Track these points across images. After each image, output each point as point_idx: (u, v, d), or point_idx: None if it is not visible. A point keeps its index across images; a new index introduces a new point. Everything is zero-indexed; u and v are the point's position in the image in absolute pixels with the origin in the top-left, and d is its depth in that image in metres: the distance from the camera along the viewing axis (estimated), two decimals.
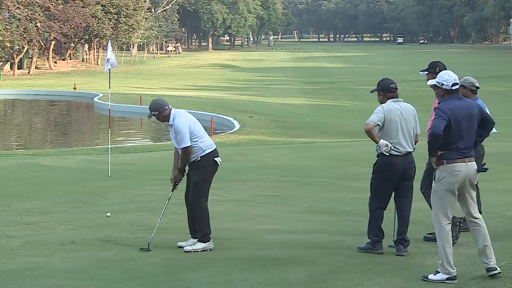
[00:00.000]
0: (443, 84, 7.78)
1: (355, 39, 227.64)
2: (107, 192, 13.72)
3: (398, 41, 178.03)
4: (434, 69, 9.45)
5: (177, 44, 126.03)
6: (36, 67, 78.00)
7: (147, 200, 12.75)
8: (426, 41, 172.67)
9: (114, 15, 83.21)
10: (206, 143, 8.99)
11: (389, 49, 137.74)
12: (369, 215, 8.94)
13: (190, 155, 8.87)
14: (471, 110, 7.79)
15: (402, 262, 8.43)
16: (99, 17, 79.42)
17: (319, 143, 23.97)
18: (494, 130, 10.40)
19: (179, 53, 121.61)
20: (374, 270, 7.98)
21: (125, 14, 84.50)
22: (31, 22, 71.40)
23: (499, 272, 7.62)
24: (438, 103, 7.92)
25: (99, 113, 41.37)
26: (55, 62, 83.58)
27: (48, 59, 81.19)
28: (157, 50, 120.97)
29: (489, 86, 49.86)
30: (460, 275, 7.74)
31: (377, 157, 8.86)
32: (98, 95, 47.34)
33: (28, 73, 74.50)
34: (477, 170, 7.81)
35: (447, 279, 7.60)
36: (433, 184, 7.80)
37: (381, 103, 8.96)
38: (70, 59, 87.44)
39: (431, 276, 7.67)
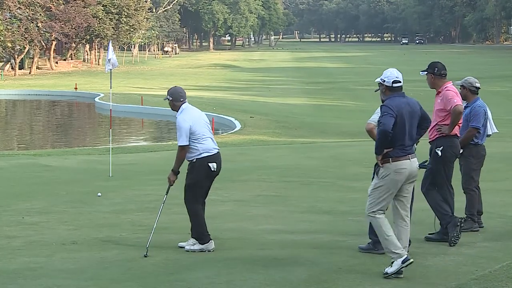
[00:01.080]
0: (384, 81, 7.91)
1: (356, 39, 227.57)
2: (108, 192, 13.72)
3: (403, 41, 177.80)
4: (433, 69, 9.48)
5: (175, 45, 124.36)
6: (37, 67, 77.99)
7: (148, 200, 12.76)
8: (422, 41, 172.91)
9: (115, 15, 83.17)
10: (205, 147, 8.78)
11: (390, 49, 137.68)
12: (369, 220, 8.86)
13: (184, 154, 8.73)
14: (414, 107, 7.98)
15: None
16: (100, 17, 79.41)
17: (320, 143, 23.96)
18: (495, 130, 10.43)
19: (176, 54, 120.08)
20: (375, 271, 7.98)
21: (126, 14, 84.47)
22: (32, 22, 71.41)
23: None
24: (383, 101, 8.02)
25: (100, 113, 41.36)
26: (56, 62, 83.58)
27: (49, 59, 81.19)
28: (159, 50, 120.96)
29: (491, 86, 49.85)
30: (461, 275, 7.74)
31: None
32: (99, 95, 47.35)
33: (29, 73, 74.50)
34: (419, 166, 8.05)
35: (403, 262, 7.67)
36: (375, 179, 7.91)
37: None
38: (71, 59, 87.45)
39: (389, 270, 7.74)
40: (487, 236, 9.79)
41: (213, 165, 8.77)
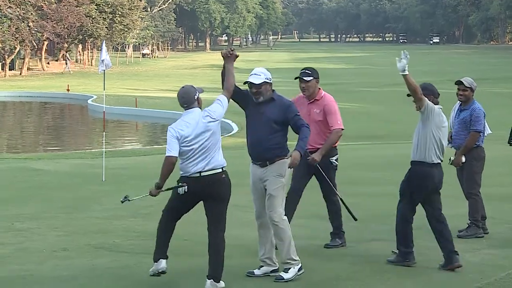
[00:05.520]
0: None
1: (357, 39, 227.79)
2: (101, 197, 13.70)
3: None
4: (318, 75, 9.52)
5: (153, 47, 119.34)
6: (28, 68, 77.98)
7: (142, 205, 12.71)
8: (406, 40, 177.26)
9: (109, 15, 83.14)
10: (185, 167, 7.77)
11: (392, 50, 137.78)
12: (399, 225, 8.68)
13: (166, 166, 7.69)
14: None
15: (405, 270, 8.40)
16: (93, 17, 79.39)
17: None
18: (489, 131, 10.49)
19: (155, 57, 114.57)
20: (376, 278, 7.97)
21: (120, 13, 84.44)
22: (23, 22, 71.37)
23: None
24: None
25: (93, 115, 41.33)
26: (48, 63, 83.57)
27: (40, 60, 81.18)
28: (155, 51, 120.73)
29: (494, 88, 49.93)
30: (466, 283, 7.72)
31: (411, 164, 8.66)
32: (92, 97, 47.33)
33: (20, 74, 74.46)
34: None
35: (299, 270, 8.02)
36: (280, 179, 8.14)
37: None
38: (64, 60, 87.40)
39: (286, 276, 7.96)
40: (492, 242, 9.78)
41: (182, 189, 7.77)
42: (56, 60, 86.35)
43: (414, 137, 8.59)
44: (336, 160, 9.46)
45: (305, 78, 9.28)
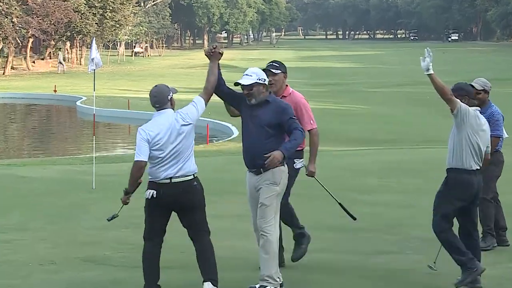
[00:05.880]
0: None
1: (367, 36, 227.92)
2: (91, 205, 13.71)
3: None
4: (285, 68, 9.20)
5: (146, 45, 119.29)
6: (12, 67, 78.00)
7: (134, 215, 12.67)
8: (417, 37, 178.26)
9: (99, 10, 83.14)
10: (155, 172, 7.89)
11: (404, 48, 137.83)
12: (441, 239, 8.42)
13: (135, 171, 7.90)
14: None
15: (421, 282, 8.40)
16: (82, 12, 79.40)
17: (326, 152, 23.94)
18: (505, 134, 10.50)
19: (148, 56, 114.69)
20: None
21: (111, 8, 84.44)
22: (6, 17, 71.41)
23: None
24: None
25: (82, 118, 41.34)
26: (33, 62, 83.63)
27: (25, 58, 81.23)
28: (148, 49, 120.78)
29: None
30: None
31: (447, 172, 8.57)
32: (81, 98, 47.32)
33: (3, 74, 74.51)
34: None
35: None
36: (273, 187, 8.03)
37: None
38: (50, 58, 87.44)
39: None
40: None
41: (149, 192, 7.95)
42: (42, 59, 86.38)
43: (449, 142, 8.41)
44: (301, 163, 9.02)
45: (273, 70, 8.87)
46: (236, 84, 8.19)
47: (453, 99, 8.20)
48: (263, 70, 8.54)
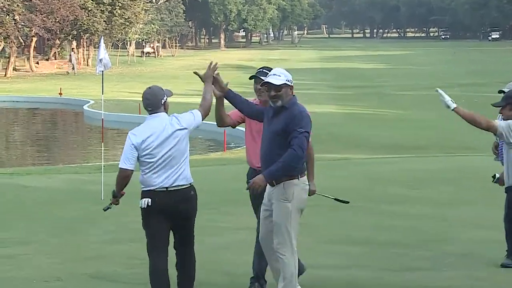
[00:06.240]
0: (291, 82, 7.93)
1: (396, 35, 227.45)
2: (99, 217, 13.73)
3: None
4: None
5: (157, 45, 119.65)
6: (14, 69, 78.41)
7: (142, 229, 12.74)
8: (448, 36, 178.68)
9: (107, 7, 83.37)
10: (148, 180, 8.03)
11: (436, 47, 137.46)
12: None
13: (121, 179, 8.19)
14: None
15: None
16: (89, 9, 79.68)
17: (352, 160, 23.92)
18: None
19: (159, 56, 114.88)
20: None
21: (120, 5, 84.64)
22: (8, 15, 71.75)
23: None
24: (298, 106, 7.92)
25: (89, 123, 41.49)
26: (37, 63, 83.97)
27: (28, 59, 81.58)
28: (159, 49, 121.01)
29: None
30: None
31: (505, 192, 8.65)
32: (89, 102, 47.52)
33: (5, 75, 74.87)
34: None
35: None
36: (285, 203, 7.78)
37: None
38: (55, 59, 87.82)
39: None
40: None
41: (144, 201, 8.15)
42: (47, 59, 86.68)
43: (504, 161, 8.62)
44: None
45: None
46: (263, 83, 7.97)
47: (490, 124, 8.34)
48: (251, 77, 8.56)
